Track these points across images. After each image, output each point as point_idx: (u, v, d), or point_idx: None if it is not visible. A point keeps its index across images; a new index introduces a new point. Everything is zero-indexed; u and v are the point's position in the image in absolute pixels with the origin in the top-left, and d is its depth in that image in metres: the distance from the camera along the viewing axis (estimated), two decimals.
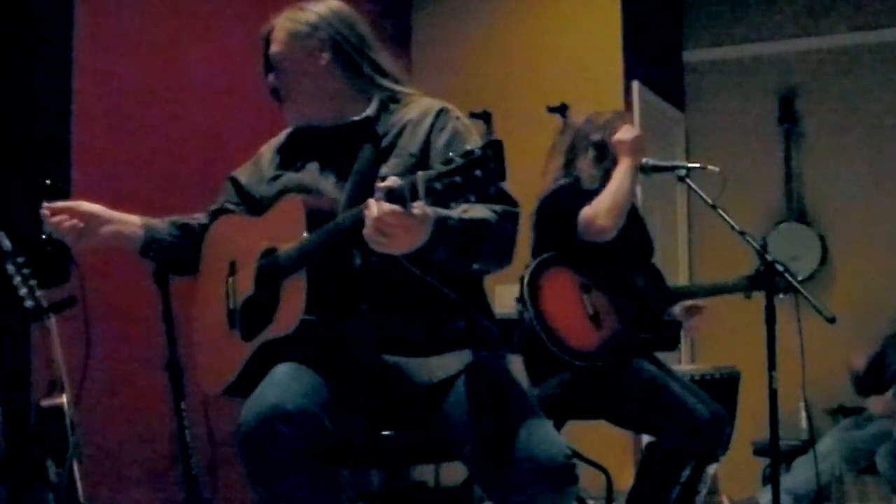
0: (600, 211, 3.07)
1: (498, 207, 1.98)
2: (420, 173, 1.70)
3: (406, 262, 2.02)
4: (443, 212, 1.84)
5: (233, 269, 2.21)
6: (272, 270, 2.07)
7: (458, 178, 1.65)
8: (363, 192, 2.03)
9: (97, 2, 3.42)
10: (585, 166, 3.22)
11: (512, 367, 2.20)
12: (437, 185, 1.66)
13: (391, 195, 1.74)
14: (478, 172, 1.64)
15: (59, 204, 2.19)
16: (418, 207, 1.73)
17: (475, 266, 2.00)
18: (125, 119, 3.59)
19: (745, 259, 3.22)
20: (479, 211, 1.94)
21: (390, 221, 1.74)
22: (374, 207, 1.75)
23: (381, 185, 1.77)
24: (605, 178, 3.18)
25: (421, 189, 1.68)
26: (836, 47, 5.75)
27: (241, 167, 2.39)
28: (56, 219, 2.17)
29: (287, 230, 2.05)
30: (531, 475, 1.87)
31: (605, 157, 3.21)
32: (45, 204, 2.18)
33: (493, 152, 1.64)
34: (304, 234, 2.00)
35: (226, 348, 2.17)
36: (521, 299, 3.09)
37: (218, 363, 2.20)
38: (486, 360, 2.08)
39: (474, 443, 1.93)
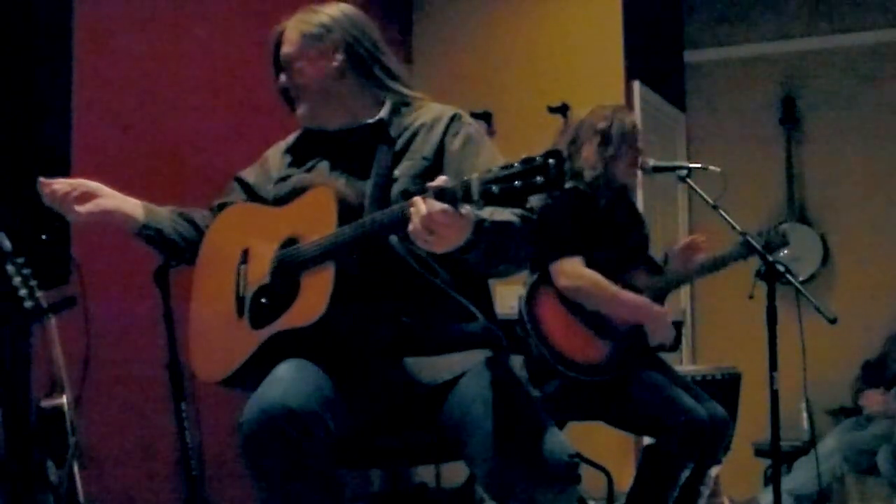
0: (576, 282, 3.09)
1: (518, 211, 1.99)
2: (475, 175, 1.70)
3: (419, 267, 2.03)
4: (478, 213, 1.85)
5: (245, 257, 2.19)
6: (293, 260, 2.05)
7: (517, 183, 1.65)
8: (383, 192, 2.07)
9: (97, 2, 3.41)
10: (589, 154, 3.21)
11: (515, 368, 2.20)
12: (494, 189, 1.67)
13: (442, 194, 1.74)
14: (539, 179, 1.64)
15: (59, 179, 2.19)
16: (465, 208, 1.74)
17: (500, 268, 2.01)
18: (125, 119, 3.58)
19: (747, 259, 3.21)
20: (503, 214, 1.96)
21: (440, 220, 1.75)
22: (423, 205, 1.76)
23: (432, 184, 1.77)
24: (606, 165, 3.19)
25: (476, 191, 1.69)
26: (837, 47, 5.74)
27: (247, 169, 2.39)
28: (53, 187, 2.16)
29: (315, 221, 2.04)
30: (534, 474, 1.87)
31: (609, 144, 3.21)
32: (42, 179, 2.18)
33: (555, 161, 1.64)
34: (335, 226, 1.99)
35: (231, 336, 2.14)
36: (521, 324, 3.11)
37: (221, 350, 2.17)
38: (491, 361, 2.09)
39: (478, 441, 1.93)
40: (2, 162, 2.63)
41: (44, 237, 2.61)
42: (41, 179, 2.18)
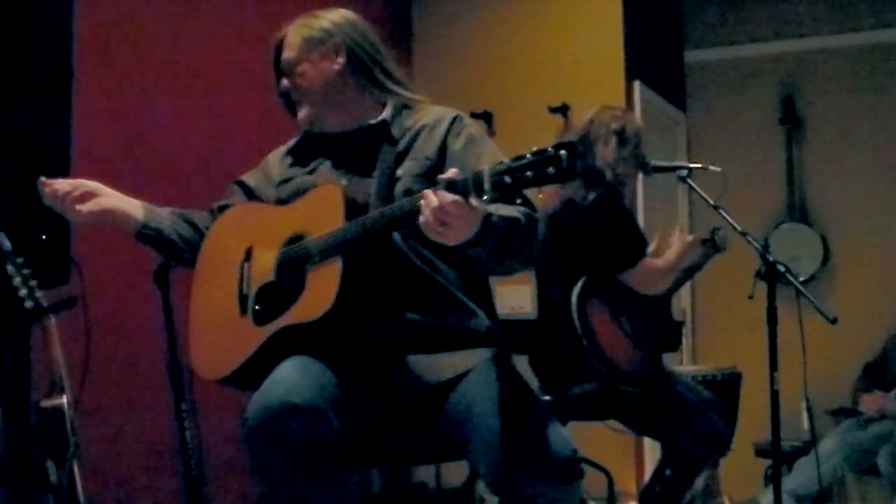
0: (657, 280, 3.15)
1: (522, 209, 2.00)
2: (486, 167, 1.72)
3: (422, 265, 2.03)
4: (486, 208, 1.86)
5: (248, 256, 2.19)
6: (299, 257, 2.06)
7: (528, 174, 1.67)
8: (388, 191, 2.09)
9: (98, 2, 3.41)
10: (607, 155, 3.19)
11: (517, 367, 2.20)
12: (507, 179, 1.69)
13: (452, 186, 1.76)
14: (551, 170, 1.66)
15: (59, 179, 2.19)
16: (475, 200, 1.76)
17: (504, 265, 2.02)
18: (125, 119, 3.58)
19: (747, 260, 3.21)
20: (509, 210, 1.97)
21: (452, 211, 1.76)
22: (433, 197, 1.77)
23: (443, 176, 1.79)
24: (624, 165, 3.20)
25: (487, 182, 1.71)
26: (837, 47, 5.74)
27: (247, 173, 2.40)
28: (54, 187, 2.16)
29: (321, 217, 2.04)
30: (537, 469, 1.88)
31: (626, 144, 3.21)
32: (43, 179, 2.18)
33: (567, 152, 1.66)
34: (342, 222, 1.99)
35: (234, 333, 2.14)
36: (570, 326, 3.07)
37: (222, 348, 2.17)
38: (494, 359, 2.09)
39: (482, 438, 1.93)
40: (2, 162, 2.63)
41: (44, 237, 2.61)
42: (41, 179, 2.19)
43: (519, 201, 2.01)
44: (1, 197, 2.61)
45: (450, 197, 1.76)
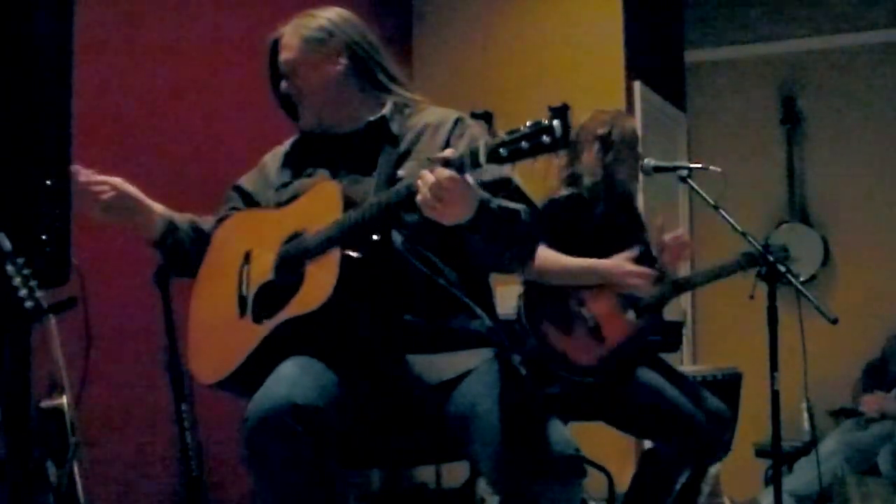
0: (543, 272, 3.01)
1: (524, 206, 2.01)
2: (482, 141, 1.75)
3: (423, 267, 2.03)
4: (484, 194, 1.88)
5: (247, 259, 2.19)
6: (297, 253, 2.06)
7: (524, 145, 1.69)
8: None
9: (97, 2, 3.41)
10: (589, 160, 3.20)
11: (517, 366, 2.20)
12: (502, 151, 1.72)
13: (448, 164, 1.78)
14: (545, 139, 1.67)
15: (100, 177, 2.19)
16: (471, 177, 1.79)
17: (504, 259, 2.02)
18: (125, 120, 3.58)
19: None
20: (510, 203, 1.98)
21: (448, 186, 1.78)
22: (430, 175, 1.80)
23: (438, 155, 1.82)
24: (606, 171, 3.19)
25: (483, 156, 1.74)
26: (837, 47, 5.75)
27: (245, 176, 2.39)
28: (91, 178, 2.18)
29: (320, 213, 2.04)
30: (539, 469, 1.87)
31: (609, 150, 3.21)
32: (79, 167, 2.16)
33: (560, 120, 1.67)
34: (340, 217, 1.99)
35: (233, 335, 2.14)
36: (519, 324, 3.07)
37: (222, 350, 2.16)
38: (495, 359, 2.09)
39: (483, 437, 1.93)
40: (2, 162, 2.63)
41: (44, 237, 2.61)
42: (75, 167, 2.18)
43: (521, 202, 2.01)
44: (1, 197, 2.60)
45: (446, 172, 1.79)
